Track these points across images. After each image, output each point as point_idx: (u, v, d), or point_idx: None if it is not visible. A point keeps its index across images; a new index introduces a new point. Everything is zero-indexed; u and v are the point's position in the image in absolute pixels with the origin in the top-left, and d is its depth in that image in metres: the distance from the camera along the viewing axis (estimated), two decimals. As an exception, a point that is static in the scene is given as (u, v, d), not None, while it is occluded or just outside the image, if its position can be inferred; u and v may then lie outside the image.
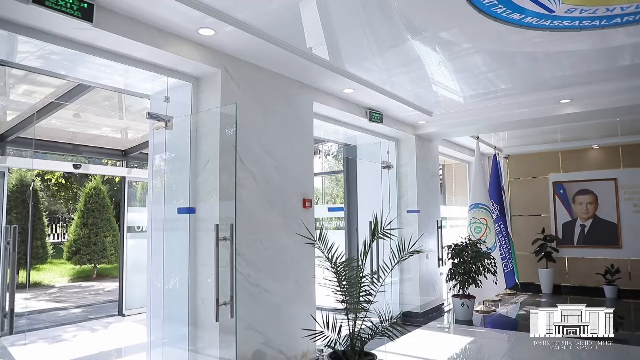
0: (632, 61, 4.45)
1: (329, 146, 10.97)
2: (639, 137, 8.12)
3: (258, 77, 4.14)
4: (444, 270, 6.97)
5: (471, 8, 3.26)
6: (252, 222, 3.92)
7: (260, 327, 3.89)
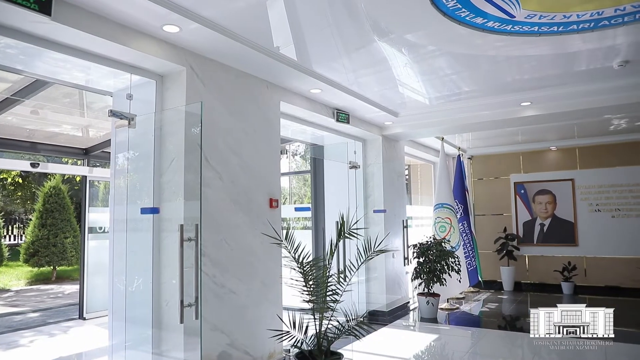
0: (587, 66, 4.63)
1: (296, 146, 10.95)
2: (594, 139, 8.47)
3: (224, 76, 4.09)
4: (410, 269, 7.08)
5: (436, 11, 3.33)
6: (218, 222, 3.87)
7: (226, 328, 3.85)
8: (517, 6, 3.25)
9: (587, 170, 8.77)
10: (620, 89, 5.23)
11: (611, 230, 8.46)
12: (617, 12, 3.32)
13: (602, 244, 8.52)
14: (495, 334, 5.99)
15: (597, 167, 8.67)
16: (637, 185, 8.31)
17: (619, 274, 8.32)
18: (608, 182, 8.55)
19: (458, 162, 8.74)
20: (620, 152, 8.50)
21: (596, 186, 8.65)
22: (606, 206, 8.55)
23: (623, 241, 8.33)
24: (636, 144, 8.36)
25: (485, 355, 5.07)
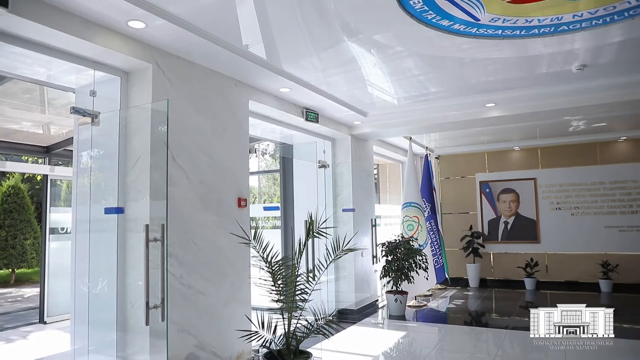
0: (548, 70, 4.79)
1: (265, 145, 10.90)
2: (555, 140, 8.78)
3: (192, 73, 4.03)
4: (378, 268, 7.16)
5: (404, 13, 3.37)
6: (185, 222, 3.82)
7: (193, 330, 3.80)
8: (481, 10, 3.33)
9: (548, 170, 9.08)
10: (579, 91, 5.44)
11: (571, 227, 8.79)
12: (575, 17, 3.45)
13: (562, 241, 8.84)
14: (462, 329, 6.13)
15: (558, 167, 8.99)
16: (595, 184, 8.65)
17: (578, 270, 8.66)
18: (568, 181, 8.88)
19: (426, 162, 8.88)
20: (578, 152, 8.84)
21: (557, 185, 8.97)
22: (566, 204, 8.87)
23: (582, 238, 8.67)
24: (593, 145, 8.72)
25: (452, 350, 5.18)
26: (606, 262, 8.24)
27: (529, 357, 4.96)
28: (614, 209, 8.50)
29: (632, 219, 8.36)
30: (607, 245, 8.48)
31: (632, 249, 8.30)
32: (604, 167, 8.64)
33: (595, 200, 8.65)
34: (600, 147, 8.71)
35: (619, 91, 5.36)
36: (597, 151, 8.74)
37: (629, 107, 5.77)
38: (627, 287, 8.14)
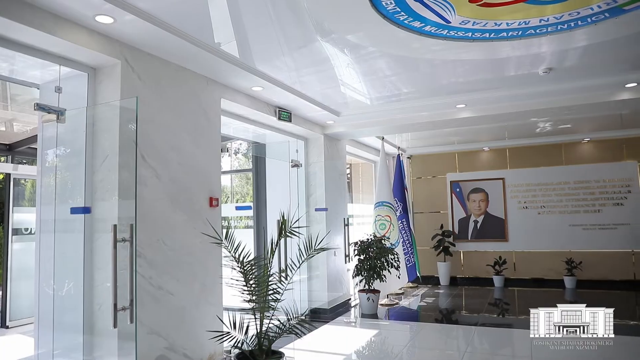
0: (516, 72, 4.90)
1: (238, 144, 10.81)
2: (523, 140, 9.01)
3: (162, 71, 3.96)
4: (351, 267, 7.19)
5: (376, 14, 3.39)
6: (155, 222, 3.75)
7: (163, 331, 3.73)
8: (452, 12, 3.39)
9: (516, 170, 9.32)
10: (545, 94, 5.59)
11: (537, 226, 9.04)
12: (542, 22, 3.55)
13: (529, 239, 9.08)
14: (433, 327, 6.22)
15: (525, 167, 9.23)
16: (560, 184, 8.92)
17: (544, 267, 8.91)
18: (534, 181, 9.12)
19: (398, 162, 8.97)
20: (545, 153, 9.10)
21: (524, 185, 9.20)
22: (533, 204, 9.12)
23: (547, 236, 8.92)
24: (559, 146, 8.99)
25: (423, 348, 5.25)
26: (570, 259, 8.51)
27: (498, 353, 5.07)
28: (578, 208, 8.79)
29: (595, 218, 8.66)
30: (572, 243, 8.76)
31: (594, 246, 8.60)
32: (568, 168, 8.92)
33: (560, 199, 8.92)
34: (566, 148, 8.99)
35: (583, 94, 5.54)
36: (562, 152, 9.02)
37: (592, 110, 5.98)
38: (590, 283, 8.43)
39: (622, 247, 8.44)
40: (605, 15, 3.45)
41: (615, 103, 5.59)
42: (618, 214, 8.51)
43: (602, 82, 5.23)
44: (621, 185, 8.55)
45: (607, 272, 8.46)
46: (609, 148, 8.71)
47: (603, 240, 8.56)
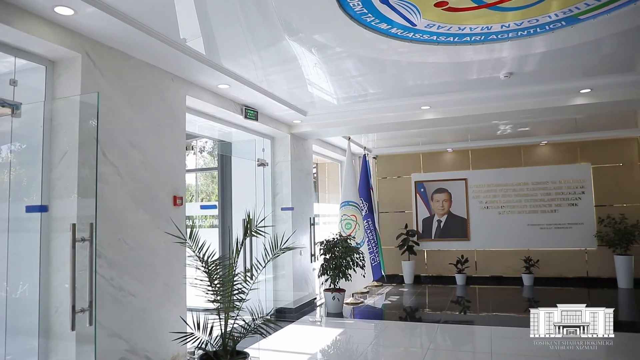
0: (478, 76, 5.04)
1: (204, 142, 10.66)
2: (485, 142, 9.27)
3: (126, 66, 3.86)
4: (317, 266, 7.21)
5: (343, 14, 3.42)
6: (116, 221, 3.65)
7: (124, 334, 3.64)
8: (418, 15, 3.45)
9: (478, 171, 9.57)
10: (506, 97, 5.76)
11: (497, 225, 9.32)
12: (503, 28, 3.66)
13: (490, 239, 9.35)
14: (397, 324, 6.32)
15: (487, 168, 9.50)
16: (519, 184, 9.23)
17: (503, 265, 9.20)
18: (495, 182, 9.40)
19: (364, 162, 9.05)
20: (505, 154, 9.39)
21: (485, 185, 9.47)
22: (494, 204, 9.39)
23: (507, 235, 9.22)
24: (518, 148, 9.30)
25: (388, 345, 5.32)
26: (528, 257, 8.82)
27: (460, 349, 5.20)
28: (536, 208, 9.12)
29: (551, 218, 9.00)
30: (529, 242, 9.08)
31: (550, 245, 8.94)
32: (527, 169, 9.24)
33: (519, 200, 9.23)
34: (524, 150, 9.31)
35: (541, 98, 5.74)
36: (521, 154, 9.33)
37: (549, 114, 6.21)
38: (546, 280, 8.77)
39: (576, 246, 8.81)
40: (562, 23, 3.59)
41: (570, 108, 5.82)
42: (572, 214, 8.88)
43: (559, 88, 5.44)
44: (575, 187, 8.93)
45: (562, 270, 8.82)
46: (565, 151, 9.08)
47: (559, 239, 8.92)
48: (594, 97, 5.58)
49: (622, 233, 8.14)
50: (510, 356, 4.63)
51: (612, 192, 8.73)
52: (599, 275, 8.63)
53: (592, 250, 8.71)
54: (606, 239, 8.36)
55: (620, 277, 8.24)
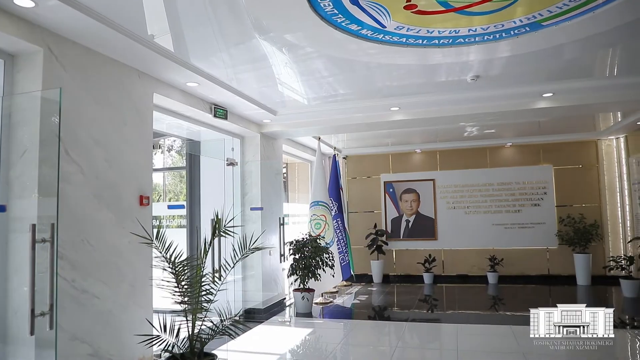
0: (446, 78, 5.13)
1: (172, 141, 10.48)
2: (452, 143, 9.46)
3: (90, 62, 3.74)
4: (286, 266, 7.19)
5: (314, 14, 3.41)
6: (79, 221, 3.54)
7: (87, 337, 3.54)
8: (387, 17, 3.48)
9: (446, 172, 9.76)
10: (472, 100, 5.89)
11: (464, 225, 9.53)
12: (470, 32, 3.74)
13: (456, 238, 9.55)
14: (366, 323, 6.37)
15: (454, 169, 9.69)
16: (485, 185, 9.46)
17: (469, 264, 9.41)
18: (462, 183, 9.61)
19: (333, 162, 9.09)
20: (472, 156, 9.61)
21: (452, 186, 9.66)
22: (460, 204, 9.59)
23: (473, 235, 9.43)
24: (484, 149, 9.53)
25: (356, 344, 5.36)
26: (493, 256, 9.05)
27: (427, 347, 5.29)
28: (501, 208, 9.36)
29: (515, 217, 9.27)
30: (494, 241, 9.32)
31: (514, 244, 9.20)
32: (492, 170, 9.49)
33: (485, 200, 9.46)
34: (490, 152, 9.55)
35: (506, 101, 5.90)
36: (487, 155, 9.57)
37: (514, 116, 6.38)
38: (510, 278, 9.01)
39: (539, 245, 9.10)
40: (526, 29, 3.70)
41: (533, 111, 6.00)
42: (535, 214, 9.17)
43: (523, 91, 5.60)
44: (538, 187, 9.21)
45: (525, 268, 9.09)
46: (528, 152, 9.36)
47: (522, 238, 9.19)
48: (555, 101, 5.77)
49: (581, 232, 8.46)
50: (476, 353, 4.74)
51: (572, 193, 9.06)
52: (559, 273, 8.94)
53: (554, 248, 9.01)
54: (566, 238, 8.67)
55: (579, 275, 8.56)
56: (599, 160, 8.97)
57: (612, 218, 8.78)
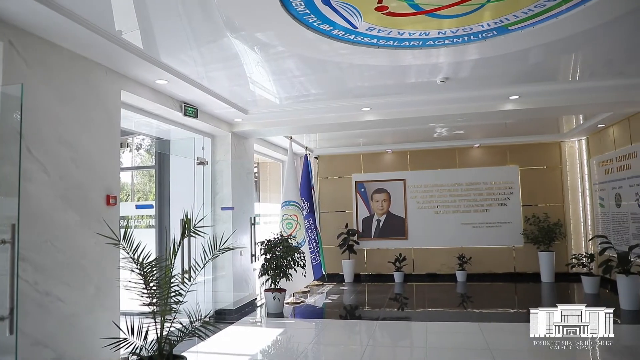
0: (416, 79, 5.20)
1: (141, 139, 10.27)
2: (422, 144, 9.60)
3: (54, 57, 3.63)
4: (257, 266, 7.16)
5: (286, 14, 3.41)
6: (43, 222, 3.43)
7: (51, 342, 3.43)
8: (359, 18, 3.50)
9: (416, 172, 9.91)
10: (442, 101, 6.00)
11: (433, 224, 9.69)
12: (440, 34, 3.80)
13: (426, 237, 9.71)
14: (337, 323, 6.40)
15: (424, 169, 9.85)
16: (454, 185, 9.65)
17: (439, 263, 9.58)
18: (432, 183, 9.77)
19: (305, 161, 9.09)
20: (441, 156, 9.78)
21: (423, 186, 9.81)
22: (430, 204, 9.75)
23: (442, 234, 9.61)
24: (453, 150, 9.72)
25: (328, 344, 5.38)
26: (462, 255, 9.24)
27: (397, 345, 5.35)
28: (469, 207, 9.57)
29: (483, 217, 9.49)
30: (463, 240, 9.51)
31: (482, 243, 9.42)
32: (461, 171, 9.69)
33: (454, 200, 9.64)
34: (459, 152, 9.74)
35: (474, 103, 6.02)
36: (456, 156, 9.76)
37: (481, 118, 6.53)
38: (478, 276, 9.22)
39: (505, 243, 9.35)
40: (494, 33, 3.79)
41: (500, 113, 6.15)
42: (502, 213, 9.41)
43: (490, 94, 5.73)
44: (505, 187, 9.46)
45: (492, 266, 9.32)
46: (495, 153, 9.60)
47: (489, 237, 9.42)
48: (521, 104, 5.93)
49: (545, 231, 8.73)
50: (444, 349, 4.82)
51: (537, 192, 9.34)
52: (525, 270, 9.20)
53: (519, 247, 9.26)
54: (531, 236, 8.93)
55: (544, 272, 8.82)
56: (562, 161, 9.28)
57: (574, 217, 9.10)
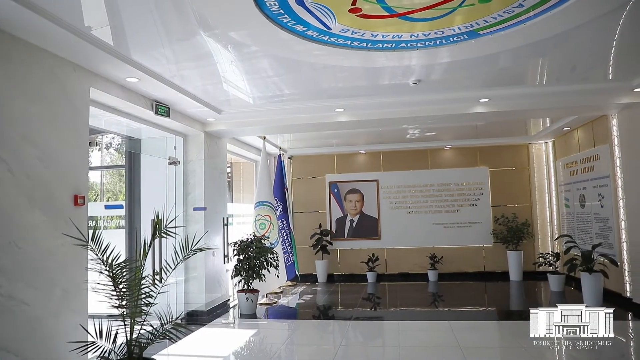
0: (389, 81, 5.25)
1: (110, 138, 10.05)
2: (395, 145, 9.71)
3: (19, 52, 3.51)
4: (230, 267, 7.10)
5: (260, 13, 3.39)
6: (6, 223, 3.31)
7: (14, 347, 3.31)
8: (333, 19, 3.52)
9: (389, 173, 10.01)
10: (414, 103, 6.08)
11: (406, 225, 9.81)
12: (412, 37, 3.86)
13: (399, 237, 9.82)
14: (310, 323, 6.40)
15: (397, 170, 9.96)
16: (426, 186, 9.79)
17: (411, 262, 9.70)
18: (404, 183, 9.89)
19: (279, 162, 9.07)
20: (414, 157, 9.91)
21: (395, 186, 9.92)
22: (402, 204, 9.87)
23: (414, 234, 9.74)
24: (425, 151, 9.87)
25: (301, 344, 5.37)
26: (433, 254, 9.38)
27: (370, 344, 5.39)
28: (440, 208, 9.73)
29: (454, 217, 9.66)
30: (435, 240, 9.66)
31: (453, 242, 9.59)
32: (433, 172, 9.84)
33: (426, 200, 9.78)
34: (431, 154, 9.89)
35: (446, 105, 6.13)
36: (428, 157, 9.91)
37: (453, 120, 6.66)
38: (449, 275, 9.39)
39: (475, 243, 9.54)
40: (465, 37, 3.87)
41: (471, 115, 6.28)
42: (472, 214, 9.61)
43: (461, 96, 5.85)
44: (475, 188, 9.65)
45: (463, 265, 9.50)
46: (466, 155, 9.79)
47: (460, 237, 9.59)
48: (491, 106, 6.07)
49: (514, 231, 8.96)
50: (416, 348, 4.89)
51: (505, 193, 9.57)
52: (494, 269, 9.41)
53: (489, 246, 9.47)
54: (500, 236, 9.14)
55: (512, 271, 9.05)
56: (530, 163, 9.54)
57: (541, 217, 9.36)
